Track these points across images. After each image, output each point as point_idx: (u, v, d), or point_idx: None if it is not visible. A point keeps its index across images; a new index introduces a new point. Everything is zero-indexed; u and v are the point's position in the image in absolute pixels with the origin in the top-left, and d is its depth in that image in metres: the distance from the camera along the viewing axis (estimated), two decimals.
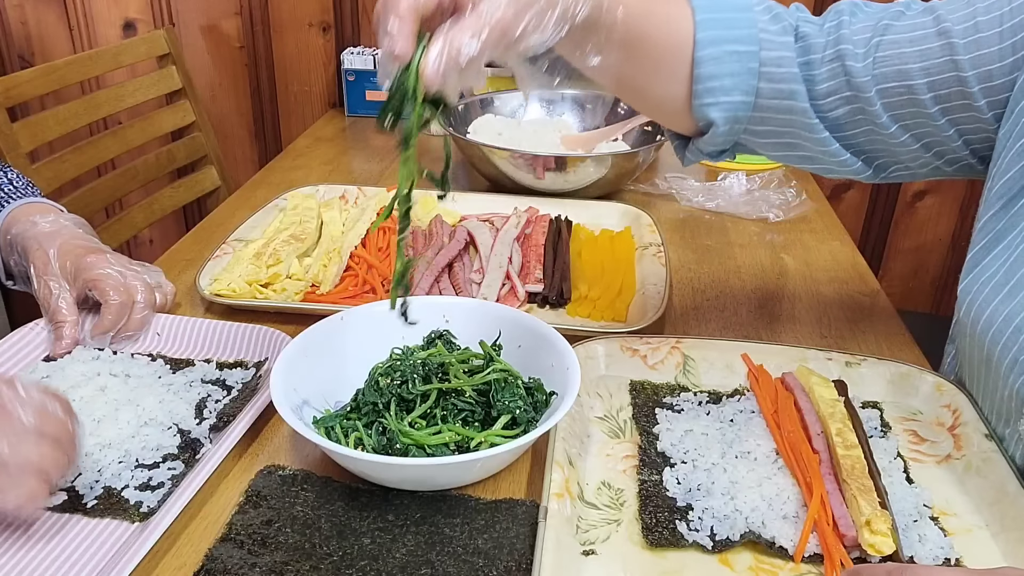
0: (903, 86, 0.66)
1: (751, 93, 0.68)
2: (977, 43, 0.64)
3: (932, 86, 0.65)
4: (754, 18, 0.68)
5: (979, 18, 0.64)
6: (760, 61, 0.67)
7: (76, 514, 0.62)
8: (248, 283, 0.90)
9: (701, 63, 0.66)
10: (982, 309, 0.65)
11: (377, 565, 0.57)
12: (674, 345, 0.78)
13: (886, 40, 0.67)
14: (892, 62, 0.66)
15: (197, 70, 1.72)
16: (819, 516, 0.59)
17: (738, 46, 0.67)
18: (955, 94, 0.65)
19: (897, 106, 0.67)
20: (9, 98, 1.27)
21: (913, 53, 0.66)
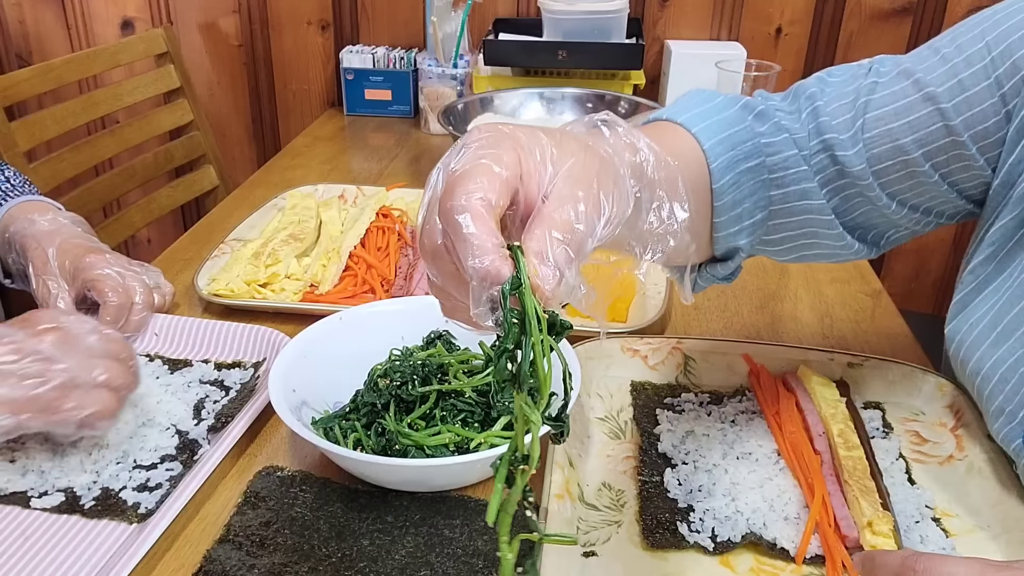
0: (899, 162, 0.62)
1: (766, 206, 0.63)
2: (967, 102, 0.60)
3: (929, 155, 0.61)
4: (749, 126, 0.62)
5: (961, 75, 0.60)
6: (768, 170, 0.62)
7: (74, 515, 0.61)
8: (246, 283, 0.90)
9: (721, 194, 0.59)
10: (970, 352, 0.63)
11: (376, 566, 0.56)
12: (675, 345, 0.78)
13: (870, 119, 0.62)
14: (883, 141, 0.62)
15: (195, 69, 1.72)
16: (821, 517, 0.59)
17: (748, 162, 0.61)
18: (953, 157, 0.62)
19: (895, 182, 0.63)
20: (7, 97, 1.27)
21: (902, 127, 0.61)
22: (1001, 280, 0.62)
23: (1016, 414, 0.59)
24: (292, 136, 1.62)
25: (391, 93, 1.61)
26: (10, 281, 0.89)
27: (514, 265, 0.38)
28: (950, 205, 0.65)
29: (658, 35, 1.64)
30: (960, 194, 0.64)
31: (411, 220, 1.06)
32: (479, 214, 0.39)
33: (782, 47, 1.63)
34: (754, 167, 0.61)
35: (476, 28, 1.62)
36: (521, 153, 0.42)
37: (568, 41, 1.44)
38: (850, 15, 1.59)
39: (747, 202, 0.61)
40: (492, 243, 0.38)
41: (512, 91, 1.38)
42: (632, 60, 1.43)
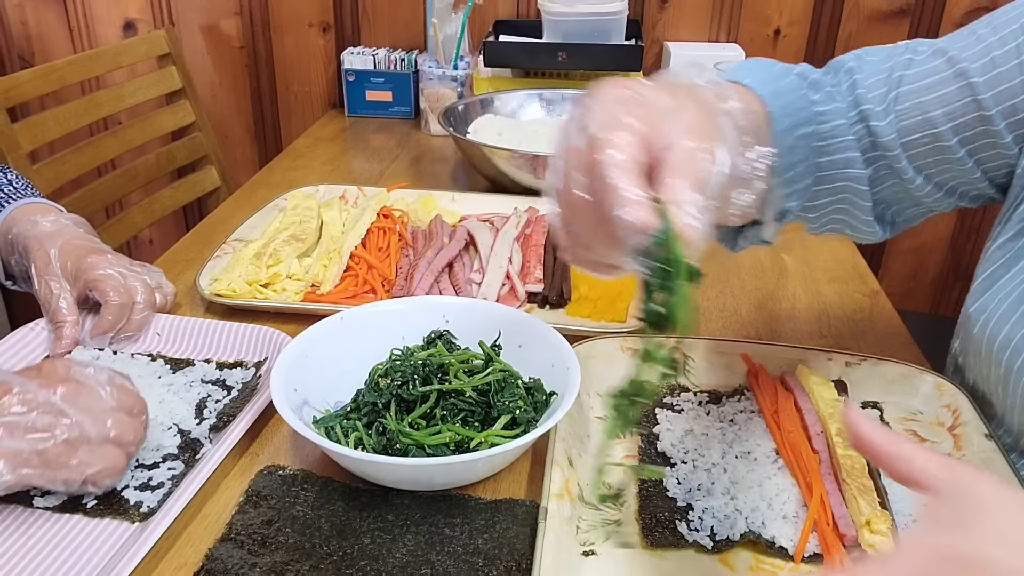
0: (928, 135, 0.64)
1: (814, 172, 0.65)
2: (997, 78, 0.62)
3: (957, 129, 0.63)
4: (807, 93, 0.64)
5: (994, 53, 0.62)
6: (820, 137, 0.64)
7: (76, 514, 0.62)
8: (248, 283, 0.90)
9: (780, 156, 0.60)
10: (998, 328, 0.64)
11: (377, 565, 0.57)
12: (674, 345, 0.78)
13: (903, 92, 0.64)
14: (913, 113, 0.64)
15: (197, 70, 1.72)
16: (819, 516, 0.59)
17: (804, 128, 0.63)
18: (980, 133, 0.63)
19: (922, 156, 0.65)
20: (9, 98, 1.27)
21: (933, 100, 0.64)
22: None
23: None
24: (293, 137, 1.62)
25: (392, 94, 1.61)
26: (12, 283, 0.89)
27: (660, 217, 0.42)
28: (973, 186, 0.66)
29: (657, 37, 1.64)
30: (984, 174, 0.66)
31: (412, 220, 1.07)
32: (627, 170, 0.43)
33: (780, 48, 1.63)
34: (808, 134, 0.63)
35: (476, 30, 1.63)
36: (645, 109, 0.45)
37: (568, 43, 1.45)
38: (848, 16, 1.59)
39: (800, 166, 0.63)
40: (641, 197, 0.42)
41: (512, 92, 1.39)
42: (631, 62, 1.43)
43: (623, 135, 0.44)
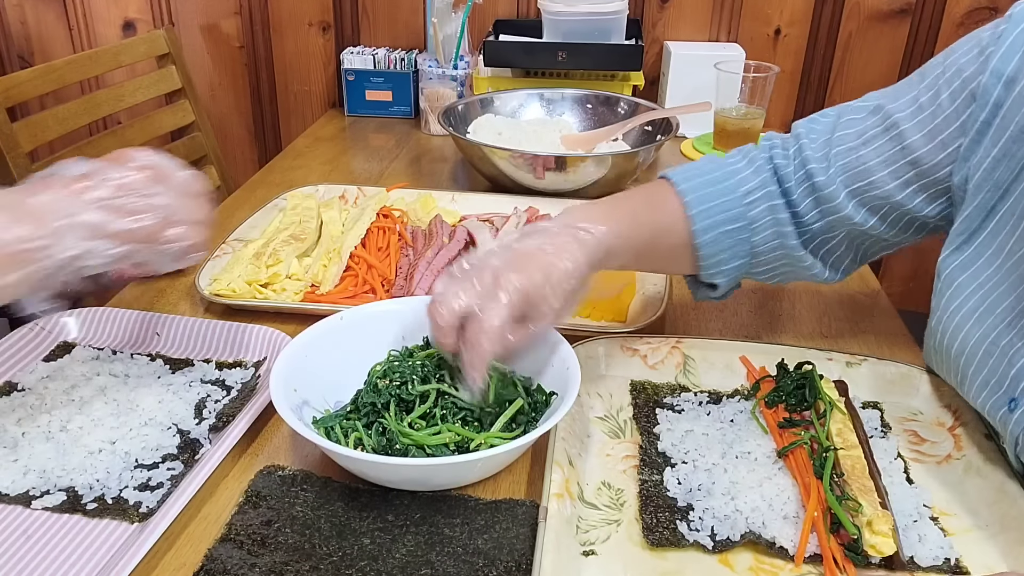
0: (867, 183, 0.72)
1: (747, 255, 0.77)
2: (924, 121, 0.68)
3: (895, 174, 0.70)
4: (736, 190, 0.75)
5: (921, 99, 0.69)
6: (750, 223, 0.75)
7: (75, 515, 0.62)
8: (248, 283, 0.90)
9: (701, 248, 0.75)
10: (954, 336, 0.67)
11: (377, 565, 0.57)
12: (674, 345, 0.78)
13: (842, 149, 0.73)
14: (852, 165, 0.72)
15: (197, 70, 1.72)
16: (818, 516, 0.59)
17: (729, 225, 0.75)
18: (917, 175, 0.69)
19: (869, 201, 0.72)
20: (9, 98, 1.27)
21: (868, 153, 0.71)
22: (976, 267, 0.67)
23: (1001, 384, 0.63)
24: (293, 137, 1.62)
25: (392, 94, 1.61)
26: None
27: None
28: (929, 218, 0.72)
29: (657, 36, 1.64)
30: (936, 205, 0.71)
31: (411, 220, 1.07)
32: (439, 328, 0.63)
33: (781, 48, 1.63)
34: (735, 228, 0.75)
35: (476, 29, 1.63)
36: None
37: (568, 42, 1.44)
38: (849, 16, 1.59)
39: (725, 254, 0.76)
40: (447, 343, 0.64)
41: (512, 92, 1.39)
42: (631, 61, 1.43)
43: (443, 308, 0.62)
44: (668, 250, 0.76)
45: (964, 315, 0.67)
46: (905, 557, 0.57)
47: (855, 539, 0.57)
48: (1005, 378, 0.63)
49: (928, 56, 1.59)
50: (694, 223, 0.74)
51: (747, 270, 0.78)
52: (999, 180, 0.64)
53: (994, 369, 0.64)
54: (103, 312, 0.85)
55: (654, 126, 1.28)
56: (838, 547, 0.57)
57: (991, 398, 0.64)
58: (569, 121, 1.37)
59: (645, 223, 0.73)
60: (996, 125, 0.64)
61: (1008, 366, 0.63)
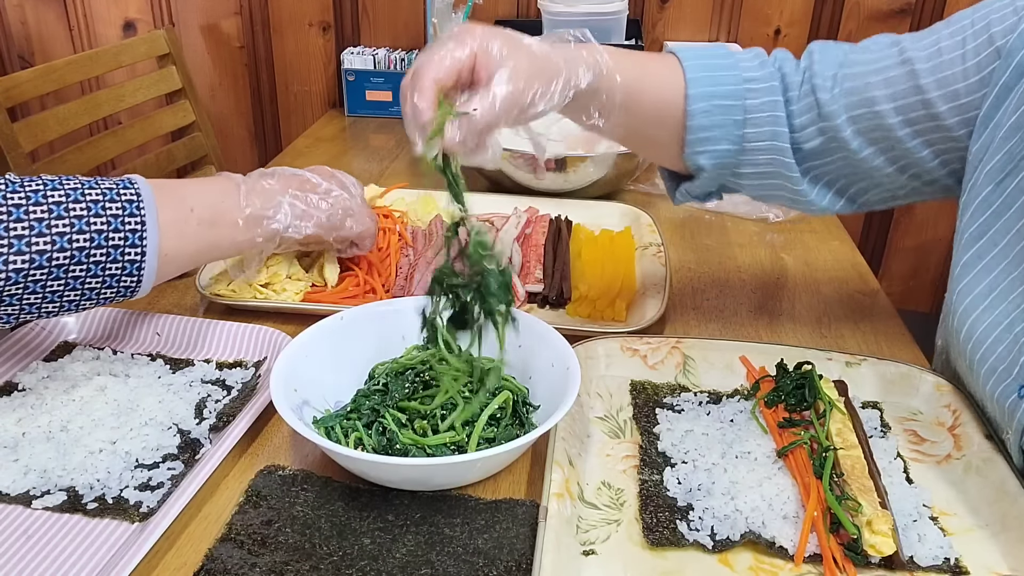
0: (871, 112, 0.70)
1: (737, 142, 0.74)
2: (940, 66, 0.67)
3: (900, 110, 0.69)
4: (740, 71, 0.74)
5: (942, 44, 0.67)
6: (745, 110, 0.73)
7: (76, 514, 0.62)
8: (248, 283, 0.90)
9: (692, 116, 0.72)
10: (963, 319, 0.67)
11: (377, 565, 0.57)
12: (674, 345, 0.78)
13: (852, 72, 0.71)
14: (859, 91, 0.70)
15: (197, 70, 1.72)
16: (817, 516, 0.59)
17: (725, 100, 0.72)
18: (923, 116, 0.68)
19: (868, 131, 0.70)
20: (9, 98, 1.27)
21: (878, 82, 0.69)
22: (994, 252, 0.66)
23: (1010, 371, 0.63)
24: (293, 137, 1.62)
25: (392, 94, 1.61)
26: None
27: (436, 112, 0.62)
28: (924, 168, 0.71)
29: (657, 36, 1.64)
30: (935, 155, 0.69)
31: (411, 220, 1.07)
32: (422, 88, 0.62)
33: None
34: (730, 106, 0.72)
35: None
36: (476, 47, 0.62)
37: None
38: (848, 16, 1.59)
39: (715, 131, 0.73)
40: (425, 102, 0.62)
41: None
42: None
43: (431, 65, 0.62)
44: (657, 110, 0.73)
45: (974, 299, 0.65)
46: (905, 557, 0.57)
47: (855, 539, 0.57)
48: (1015, 365, 0.62)
49: None
50: (690, 87, 0.72)
51: (734, 165, 0.75)
52: (1013, 151, 0.62)
53: (1003, 356, 0.63)
54: (103, 312, 0.85)
55: None
56: (838, 547, 0.57)
57: (1000, 385, 0.63)
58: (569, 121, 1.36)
59: (641, 67, 0.72)
60: (1018, 91, 0.62)
61: (1019, 353, 0.62)
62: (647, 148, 0.82)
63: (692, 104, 0.72)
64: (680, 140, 0.74)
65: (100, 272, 0.66)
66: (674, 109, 0.73)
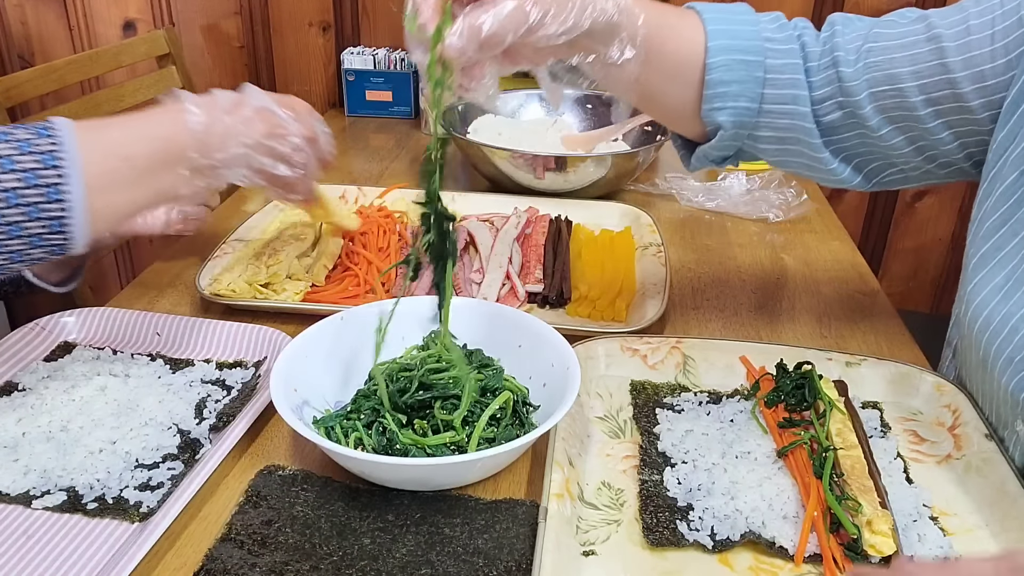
0: (894, 89, 0.68)
1: (756, 100, 0.71)
2: (968, 45, 0.65)
3: (923, 89, 0.67)
4: (760, 30, 0.71)
5: (971, 22, 0.66)
6: (766, 69, 0.71)
7: (76, 514, 0.62)
8: (248, 283, 0.90)
9: (711, 70, 0.69)
10: (979, 310, 0.66)
11: (377, 565, 0.57)
12: (674, 345, 0.78)
13: (877, 47, 0.69)
14: (883, 67, 0.68)
15: (197, 70, 1.72)
16: (817, 516, 0.59)
17: (745, 55, 0.70)
18: (947, 96, 0.66)
19: (889, 108, 0.69)
20: (9, 98, 1.27)
21: (903, 58, 0.68)
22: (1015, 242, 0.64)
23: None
24: None
25: (392, 94, 1.61)
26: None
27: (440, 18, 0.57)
28: (942, 152, 0.69)
29: None
30: (955, 137, 0.68)
31: (411, 220, 1.07)
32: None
33: None
34: (751, 62, 0.70)
35: None
36: None
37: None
38: None
39: (735, 85, 0.70)
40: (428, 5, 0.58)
41: (512, 92, 1.39)
42: None
43: None
44: (675, 62, 0.70)
45: (992, 289, 0.65)
46: (905, 557, 0.57)
47: (855, 539, 0.57)
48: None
49: None
50: (710, 39, 0.69)
51: (752, 126, 0.73)
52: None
53: (1018, 348, 0.62)
54: (103, 312, 0.85)
55: (654, 126, 1.28)
56: (838, 547, 0.57)
57: (1016, 376, 0.62)
58: (569, 121, 1.37)
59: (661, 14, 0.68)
60: None
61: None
62: (662, 105, 0.76)
63: (712, 57, 0.69)
64: (698, 96, 0.71)
65: (21, 232, 0.60)
66: (693, 62, 0.70)
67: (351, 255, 0.97)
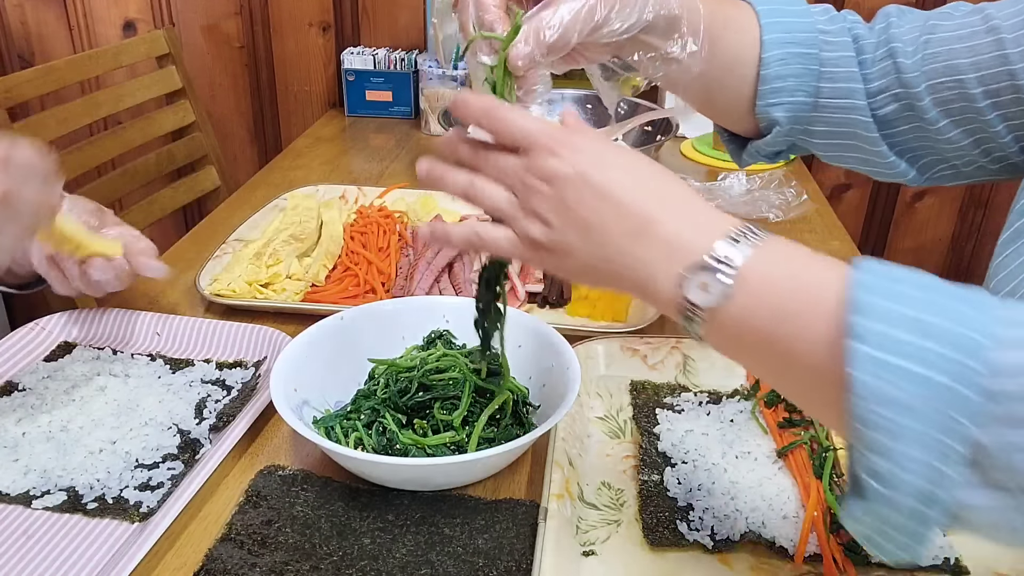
0: (953, 81, 0.67)
1: (812, 94, 0.70)
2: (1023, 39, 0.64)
3: (983, 80, 0.66)
4: (814, 21, 0.70)
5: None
6: (821, 62, 0.69)
7: (76, 514, 0.62)
8: (248, 283, 0.90)
9: (767, 64, 0.68)
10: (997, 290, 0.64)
11: (377, 565, 0.57)
12: (674, 345, 0.78)
13: (935, 38, 0.68)
14: (942, 58, 0.67)
15: (197, 70, 1.72)
16: (817, 516, 0.59)
17: (801, 48, 0.68)
18: (1006, 88, 0.66)
19: (947, 101, 0.68)
20: (9, 98, 1.27)
21: (962, 49, 0.67)
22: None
23: None
24: (293, 137, 1.62)
25: (392, 94, 1.61)
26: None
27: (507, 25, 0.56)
28: (998, 144, 0.68)
29: None
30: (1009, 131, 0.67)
31: (411, 220, 1.07)
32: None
33: None
34: (806, 54, 0.68)
35: None
36: None
37: None
38: None
39: (791, 80, 0.68)
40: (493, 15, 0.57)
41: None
42: None
43: None
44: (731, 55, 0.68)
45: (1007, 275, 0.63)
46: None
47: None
48: None
49: None
50: (765, 32, 0.67)
51: (807, 120, 0.71)
52: None
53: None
54: (103, 312, 0.85)
55: (654, 126, 1.28)
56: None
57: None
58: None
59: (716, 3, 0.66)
60: None
61: None
62: (716, 101, 0.73)
63: (767, 51, 0.67)
64: (752, 90, 0.69)
65: None
66: (748, 56, 0.68)
67: (351, 255, 0.97)
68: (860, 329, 0.40)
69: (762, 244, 0.47)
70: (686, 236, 0.47)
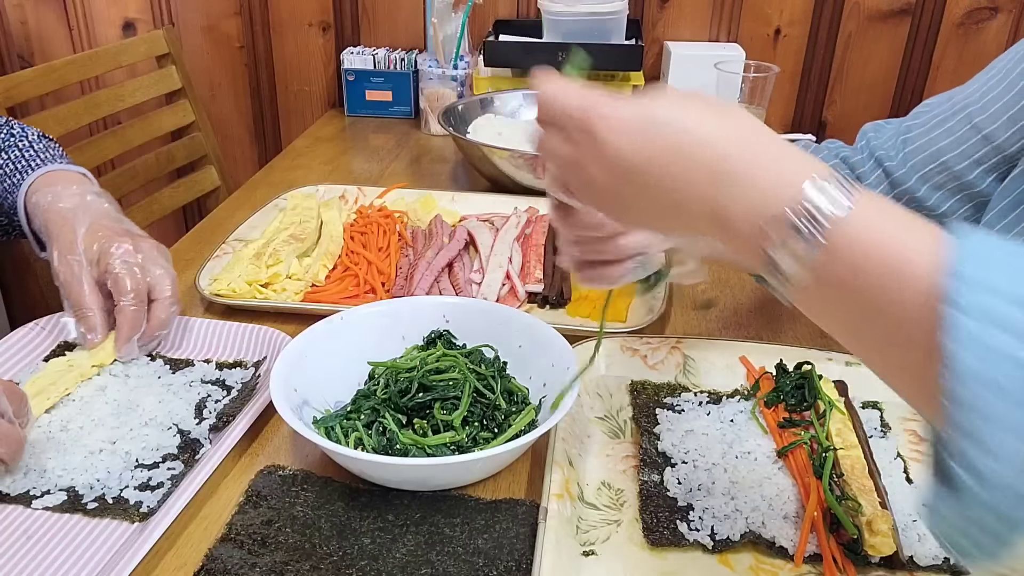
0: (940, 165, 0.74)
1: None
2: (991, 100, 0.71)
3: (965, 154, 0.73)
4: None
5: (989, 83, 0.72)
6: None
7: (76, 514, 0.62)
8: (248, 283, 0.90)
9: None
10: None
11: (377, 565, 0.57)
12: (674, 345, 0.78)
13: (912, 135, 0.76)
14: (924, 148, 0.75)
15: (197, 70, 1.72)
16: (817, 516, 0.59)
17: None
18: (991, 152, 0.72)
19: (941, 183, 0.75)
20: (9, 98, 1.27)
21: (940, 134, 0.74)
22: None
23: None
24: (293, 137, 1.62)
25: (392, 94, 1.61)
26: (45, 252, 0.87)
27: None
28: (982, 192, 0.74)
29: (657, 36, 1.64)
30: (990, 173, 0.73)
31: (411, 220, 1.07)
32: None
33: (781, 48, 1.63)
34: None
35: (476, 29, 1.63)
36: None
37: (568, 42, 1.45)
38: (848, 16, 1.59)
39: None
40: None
41: (512, 92, 1.39)
42: (631, 61, 1.43)
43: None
44: None
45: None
46: (905, 557, 0.57)
47: (855, 539, 0.57)
48: None
49: (928, 56, 1.60)
50: None
51: None
52: None
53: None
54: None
55: None
56: (838, 547, 0.57)
57: None
58: None
59: None
60: None
61: None
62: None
63: None
64: None
65: None
66: None
67: (351, 255, 0.97)
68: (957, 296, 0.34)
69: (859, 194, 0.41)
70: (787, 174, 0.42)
